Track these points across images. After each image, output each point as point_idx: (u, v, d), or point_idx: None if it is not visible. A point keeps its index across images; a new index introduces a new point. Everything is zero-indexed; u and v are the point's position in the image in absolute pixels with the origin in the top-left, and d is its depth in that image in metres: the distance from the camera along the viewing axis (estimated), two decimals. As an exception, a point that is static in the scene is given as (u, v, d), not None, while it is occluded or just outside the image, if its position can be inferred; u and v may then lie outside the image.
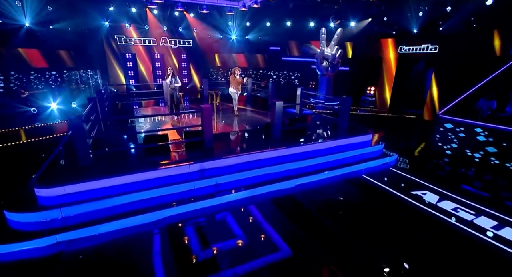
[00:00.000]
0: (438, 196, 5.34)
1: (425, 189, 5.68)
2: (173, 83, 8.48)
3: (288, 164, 6.27)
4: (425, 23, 11.55)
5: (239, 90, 9.19)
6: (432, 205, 5.07)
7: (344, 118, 7.83)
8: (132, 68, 15.66)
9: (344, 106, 7.72)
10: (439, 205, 5.08)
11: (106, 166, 5.44)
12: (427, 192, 5.52)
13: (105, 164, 5.52)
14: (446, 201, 5.18)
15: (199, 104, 8.93)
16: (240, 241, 4.33)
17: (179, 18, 15.53)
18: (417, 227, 4.66)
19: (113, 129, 7.89)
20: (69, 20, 13.49)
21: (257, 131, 7.91)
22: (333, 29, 13.72)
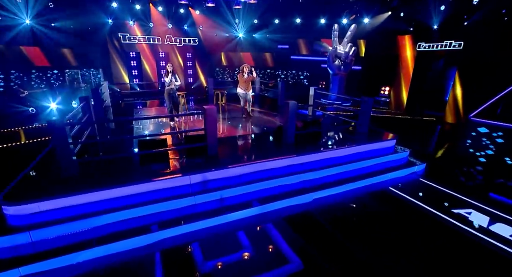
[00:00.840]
0: (488, 217, 4.35)
1: (469, 207, 4.69)
2: (173, 82, 7.44)
3: (304, 174, 5.34)
4: (448, 18, 10.48)
5: (249, 90, 8.14)
6: (483, 229, 4.09)
7: (364, 121, 6.85)
8: (136, 67, 14.88)
9: (365, 107, 6.75)
10: (492, 229, 4.09)
11: (93, 177, 4.58)
12: (473, 211, 4.53)
13: (93, 174, 4.66)
14: (500, 224, 4.19)
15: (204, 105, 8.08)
16: (247, 254, 3.67)
17: (184, 15, 14.69)
18: (462, 254, 3.70)
19: (109, 132, 7.06)
20: (71, 18, 12.77)
21: (267, 135, 6.99)
22: (346, 26, 12.72)
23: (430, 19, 11.00)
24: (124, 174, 4.69)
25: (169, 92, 7.40)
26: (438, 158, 6.85)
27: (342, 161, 5.90)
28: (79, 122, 5.90)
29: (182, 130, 6.84)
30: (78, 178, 4.43)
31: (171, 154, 5.52)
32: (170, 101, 7.46)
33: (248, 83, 8.01)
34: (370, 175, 5.67)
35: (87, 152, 5.53)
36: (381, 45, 12.75)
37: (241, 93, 8.17)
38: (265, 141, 6.58)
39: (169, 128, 7.38)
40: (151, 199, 4.38)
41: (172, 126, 7.43)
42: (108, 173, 4.70)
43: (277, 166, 5.40)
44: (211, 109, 5.20)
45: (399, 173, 5.87)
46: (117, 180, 4.37)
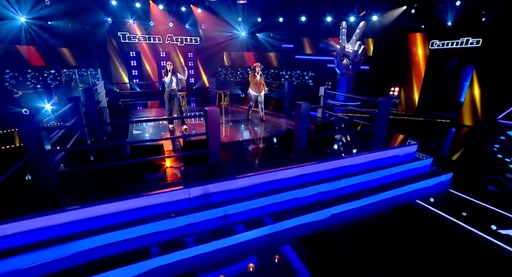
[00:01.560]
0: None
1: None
2: (173, 83, 6.48)
3: (319, 185, 4.59)
4: (464, 14, 9.70)
5: (261, 92, 7.32)
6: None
7: (382, 124, 6.10)
8: (136, 66, 14.17)
9: (383, 109, 6.00)
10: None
11: (74, 190, 3.86)
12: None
13: (75, 187, 3.94)
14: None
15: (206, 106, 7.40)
16: (252, 265, 3.17)
17: (186, 13, 13.97)
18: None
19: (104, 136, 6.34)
20: (69, 16, 12.07)
21: (275, 140, 6.26)
22: (353, 24, 11.96)
23: (444, 16, 10.23)
24: (112, 186, 3.97)
25: (169, 93, 6.59)
26: (466, 165, 6.07)
27: (359, 170, 5.15)
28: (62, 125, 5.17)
29: (181, 135, 6.07)
30: (57, 192, 3.71)
31: (168, 162, 4.80)
32: (170, 103, 6.66)
33: (260, 84, 7.22)
34: (392, 186, 4.91)
35: (75, 159, 4.82)
36: (390, 44, 11.98)
37: (253, 95, 7.36)
38: (273, 147, 5.85)
39: (168, 132, 6.64)
40: (143, 216, 3.65)
41: (171, 129, 6.69)
42: (93, 186, 3.98)
43: (288, 176, 4.66)
44: (213, 111, 4.47)
45: (424, 184, 5.11)
46: (103, 194, 3.64)
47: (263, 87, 7.24)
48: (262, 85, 7.21)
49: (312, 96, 13.46)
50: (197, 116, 7.74)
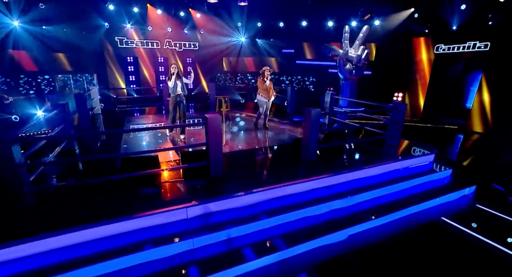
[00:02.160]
0: None
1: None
2: (178, 88, 5.79)
3: (333, 202, 4.03)
4: (470, 17, 9.32)
5: (271, 98, 6.75)
6: None
7: (395, 132, 5.58)
8: (134, 72, 13.64)
9: (396, 115, 5.49)
10: None
11: (53, 211, 3.27)
12: None
13: (54, 207, 3.36)
14: None
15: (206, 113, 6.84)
16: None
17: (185, 18, 13.52)
18: None
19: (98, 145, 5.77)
20: (64, 20, 11.57)
21: (281, 150, 5.71)
22: (355, 29, 11.55)
23: (448, 20, 9.85)
24: (97, 206, 3.39)
25: (175, 99, 5.88)
26: (488, 176, 5.53)
27: (374, 182, 4.61)
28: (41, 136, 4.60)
29: (177, 146, 5.47)
30: (31, 214, 3.12)
31: (163, 176, 4.22)
32: (174, 110, 5.95)
33: (270, 90, 6.66)
34: (412, 201, 4.37)
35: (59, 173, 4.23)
36: (393, 48, 11.59)
37: (262, 101, 6.75)
38: (279, 157, 5.30)
39: (167, 141, 6.05)
40: (133, 242, 3.07)
41: (171, 138, 6.06)
42: (75, 206, 3.39)
43: (298, 190, 4.11)
44: (215, 118, 3.93)
45: (447, 198, 4.57)
46: (85, 216, 3.06)
47: (272, 92, 6.73)
48: (271, 91, 6.68)
49: (313, 102, 13.02)
50: (197, 124, 7.18)
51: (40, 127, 5.87)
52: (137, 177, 3.78)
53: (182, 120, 6.02)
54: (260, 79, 6.57)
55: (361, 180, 4.58)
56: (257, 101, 6.84)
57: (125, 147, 5.63)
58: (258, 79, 6.62)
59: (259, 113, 7.05)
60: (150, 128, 6.80)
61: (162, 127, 6.12)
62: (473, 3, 9.26)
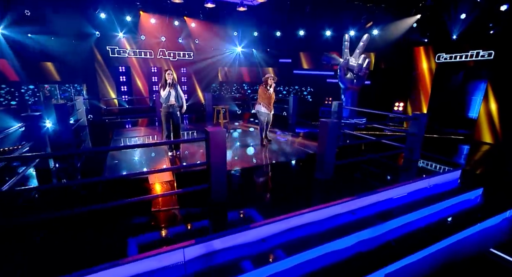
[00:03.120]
0: None
1: None
2: (171, 97, 4.99)
3: (361, 232, 3.30)
4: (470, 26, 9.00)
5: (272, 109, 6.02)
6: None
7: (415, 145, 4.95)
8: (126, 82, 12.87)
9: (416, 127, 4.87)
10: None
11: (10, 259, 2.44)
12: None
13: (8, 251, 2.52)
14: None
15: (203, 124, 6.15)
16: None
17: (179, 27, 12.93)
18: None
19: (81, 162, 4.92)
20: (52, 28, 10.80)
21: (292, 167, 4.99)
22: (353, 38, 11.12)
23: (449, 28, 9.52)
24: (66, 249, 2.56)
25: (167, 110, 5.10)
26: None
27: (398, 204, 3.92)
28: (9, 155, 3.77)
29: (172, 167, 4.63)
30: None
31: (154, 205, 3.42)
32: (168, 123, 5.14)
33: (272, 100, 5.93)
34: (447, 228, 3.68)
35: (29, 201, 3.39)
36: (393, 58, 11.21)
37: (263, 112, 5.91)
38: (291, 176, 4.58)
39: (165, 160, 5.24)
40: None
41: (171, 156, 5.25)
42: (39, 248, 2.56)
43: (318, 218, 3.37)
44: (218, 132, 3.19)
45: (487, 223, 3.89)
46: (52, 263, 2.24)
47: (273, 103, 6.01)
48: (273, 101, 5.98)
49: (312, 112, 12.44)
50: (196, 139, 6.39)
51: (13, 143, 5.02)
52: (121, 206, 2.98)
53: (176, 134, 5.25)
54: (262, 87, 5.88)
55: (386, 202, 3.89)
56: (257, 112, 6.05)
57: (112, 165, 4.81)
58: (260, 87, 5.93)
59: (261, 128, 6.20)
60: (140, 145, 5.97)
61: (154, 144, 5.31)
62: (473, 12, 8.97)
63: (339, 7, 10.20)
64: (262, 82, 5.93)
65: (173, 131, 5.21)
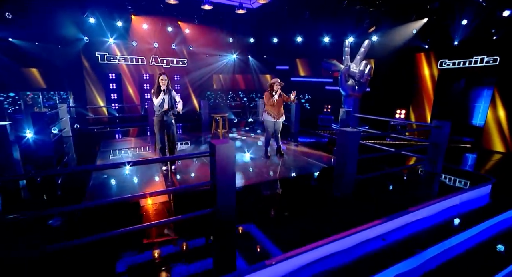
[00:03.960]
0: None
1: None
2: (165, 104, 4.45)
3: (399, 264, 2.75)
4: (473, 32, 8.83)
5: (280, 117, 5.43)
6: None
7: (437, 156, 4.49)
8: (116, 90, 12.21)
9: (438, 135, 4.42)
10: None
11: None
12: None
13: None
14: None
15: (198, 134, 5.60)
16: None
17: (173, 33, 12.44)
18: None
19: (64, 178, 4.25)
20: (35, 33, 10.15)
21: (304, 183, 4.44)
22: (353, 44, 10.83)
23: (450, 34, 9.34)
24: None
25: (160, 118, 4.50)
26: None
27: (431, 224, 3.41)
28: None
29: (167, 189, 3.95)
30: None
31: (146, 235, 2.80)
32: (161, 133, 4.54)
33: (280, 107, 5.39)
34: (492, 254, 3.17)
35: None
36: (394, 64, 10.96)
37: (270, 121, 5.36)
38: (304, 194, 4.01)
39: (158, 177, 4.62)
40: None
41: (165, 172, 4.65)
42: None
43: (345, 246, 2.81)
44: (226, 146, 2.63)
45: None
46: None
47: (282, 111, 5.47)
48: (281, 108, 5.46)
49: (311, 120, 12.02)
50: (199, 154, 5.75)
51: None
52: (103, 241, 2.36)
53: (171, 147, 4.65)
54: (267, 93, 5.36)
55: (417, 224, 3.37)
56: (263, 121, 5.52)
57: (97, 183, 4.16)
58: (265, 94, 5.40)
59: (267, 138, 5.59)
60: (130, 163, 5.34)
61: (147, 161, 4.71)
62: (475, 18, 8.80)
63: (339, 13, 9.92)
64: (267, 89, 5.43)
65: (168, 142, 4.62)
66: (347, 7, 9.00)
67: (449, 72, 9.60)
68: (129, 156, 5.75)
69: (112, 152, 6.06)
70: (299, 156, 5.98)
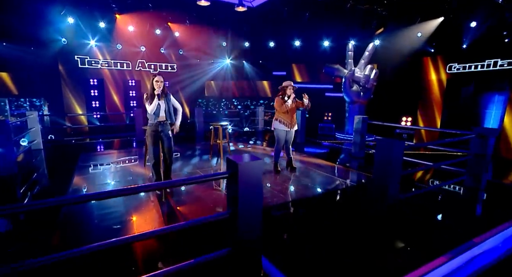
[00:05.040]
0: None
1: None
2: (160, 111, 3.77)
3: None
4: (482, 35, 8.67)
5: (294, 126, 4.90)
6: None
7: (480, 170, 3.97)
8: (98, 97, 11.37)
9: (481, 146, 3.92)
10: None
11: None
12: None
13: None
14: None
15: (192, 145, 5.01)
16: None
17: (162, 36, 11.83)
18: None
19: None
20: (5, 32, 9.28)
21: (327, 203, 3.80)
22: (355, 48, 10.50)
23: (459, 37, 9.17)
24: None
25: (155, 129, 3.82)
26: None
27: (490, 260, 2.83)
28: None
29: (171, 226, 3.17)
30: None
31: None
32: (155, 146, 3.85)
33: (293, 114, 4.86)
34: None
35: None
36: (398, 69, 10.66)
37: (282, 130, 4.81)
38: (332, 218, 3.36)
39: (150, 203, 3.84)
40: None
41: (158, 192, 3.90)
42: None
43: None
44: (252, 164, 1.98)
45: None
46: None
47: (295, 118, 4.95)
48: (294, 115, 4.90)
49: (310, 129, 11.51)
50: (215, 176, 5.07)
51: None
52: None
53: (167, 163, 3.94)
54: (278, 98, 4.78)
55: (484, 258, 2.77)
56: (275, 130, 4.92)
57: (70, 213, 3.37)
58: (276, 99, 4.83)
59: (277, 149, 4.98)
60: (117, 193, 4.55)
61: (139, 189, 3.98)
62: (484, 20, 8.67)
63: (342, 14, 9.62)
64: (279, 91, 4.87)
65: (163, 158, 3.91)
66: (352, 7, 8.67)
67: (459, 77, 9.37)
68: (114, 173, 4.96)
69: (93, 167, 5.25)
70: (312, 170, 5.36)
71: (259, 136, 9.59)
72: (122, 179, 4.56)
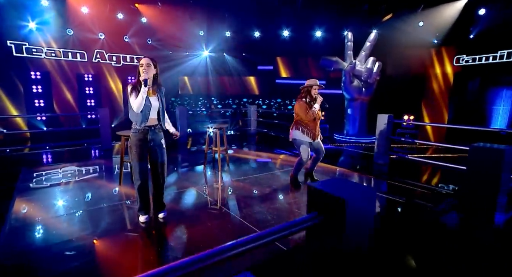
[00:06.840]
0: None
1: None
2: (151, 111, 2.85)
3: None
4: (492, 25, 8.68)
5: (318, 136, 4.24)
6: None
7: None
8: (42, 94, 9.76)
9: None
10: None
11: None
12: None
13: None
14: None
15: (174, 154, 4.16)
16: None
17: (126, 22, 10.55)
18: None
19: None
20: None
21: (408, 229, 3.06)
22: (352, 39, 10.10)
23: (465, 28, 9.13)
24: None
25: (142, 138, 2.81)
26: None
27: None
28: None
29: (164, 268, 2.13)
30: None
31: None
32: (143, 163, 2.84)
33: (317, 121, 4.20)
34: None
35: None
36: (402, 62, 10.43)
37: (304, 141, 4.09)
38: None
39: (135, 241, 2.80)
40: None
41: (143, 225, 2.87)
42: None
43: None
44: (363, 199, 1.14)
45: None
46: None
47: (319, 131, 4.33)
48: (319, 120, 4.24)
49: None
50: (295, 228, 4.03)
51: None
52: None
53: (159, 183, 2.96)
54: (302, 102, 4.09)
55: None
56: (295, 141, 4.16)
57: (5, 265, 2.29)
58: (297, 102, 4.14)
59: (299, 163, 4.20)
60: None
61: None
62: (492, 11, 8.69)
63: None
64: (300, 93, 4.18)
65: (153, 177, 2.93)
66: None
67: (468, 70, 9.30)
68: (74, 193, 3.83)
69: (43, 190, 4.05)
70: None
71: (251, 140, 8.79)
72: (91, 204, 3.48)
